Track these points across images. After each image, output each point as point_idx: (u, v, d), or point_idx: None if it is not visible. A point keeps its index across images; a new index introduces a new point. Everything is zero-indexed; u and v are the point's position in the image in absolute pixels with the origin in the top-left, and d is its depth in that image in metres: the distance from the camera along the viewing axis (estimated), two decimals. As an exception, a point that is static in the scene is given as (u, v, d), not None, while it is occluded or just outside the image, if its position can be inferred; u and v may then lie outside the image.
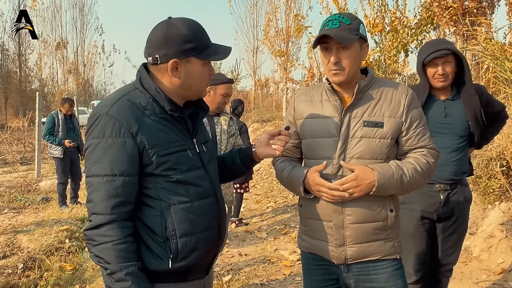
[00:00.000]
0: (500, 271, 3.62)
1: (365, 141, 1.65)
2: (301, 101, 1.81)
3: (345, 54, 1.63)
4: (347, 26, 1.61)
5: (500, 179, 4.49)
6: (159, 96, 1.39)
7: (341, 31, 1.60)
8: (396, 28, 7.66)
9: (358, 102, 1.68)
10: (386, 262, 1.70)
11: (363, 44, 1.69)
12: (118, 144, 1.30)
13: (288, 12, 16.27)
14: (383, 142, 1.65)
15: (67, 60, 31.50)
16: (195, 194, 1.41)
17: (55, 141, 6.59)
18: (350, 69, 1.65)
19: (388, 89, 1.71)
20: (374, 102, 1.68)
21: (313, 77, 13.88)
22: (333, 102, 1.72)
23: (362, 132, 1.65)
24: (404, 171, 1.63)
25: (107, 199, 1.29)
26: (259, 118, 16.35)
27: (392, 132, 1.66)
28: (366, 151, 1.65)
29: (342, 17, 1.64)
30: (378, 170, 1.60)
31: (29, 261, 4.28)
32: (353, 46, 1.63)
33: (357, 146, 1.65)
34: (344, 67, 1.64)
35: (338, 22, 1.62)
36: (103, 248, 1.28)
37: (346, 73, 1.65)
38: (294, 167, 1.77)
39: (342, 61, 1.64)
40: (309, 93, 1.81)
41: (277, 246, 4.93)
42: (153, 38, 1.39)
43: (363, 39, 1.67)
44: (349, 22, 1.62)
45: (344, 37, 1.59)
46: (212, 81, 2.97)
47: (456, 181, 2.46)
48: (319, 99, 1.76)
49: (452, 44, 2.45)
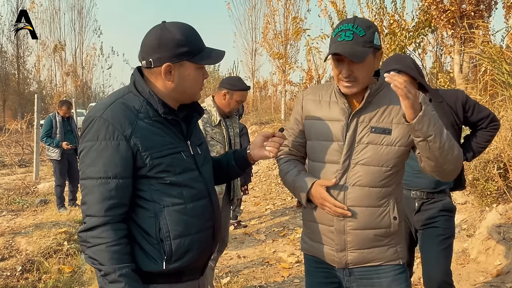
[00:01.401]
0: (497, 273, 3.63)
1: (372, 148, 1.61)
2: (309, 101, 1.76)
3: (358, 67, 1.56)
4: (361, 39, 1.53)
5: (497, 182, 4.50)
6: (153, 99, 1.40)
7: (354, 45, 1.52)
8: (394, 31, 7.68)
9: (367, 106, 1.63)
10: (389, 267, 1.68)
11: (377, 52, 1.61)
12: (112, 147, 1.31)
13: (286, 15, 16.32)
14: (390, 149, 1.60)
15: (66, 62, 31.48)
16: (189, 196, 1.42)
17: (53, 143, 6.57)
18: (363, 80, 1.59)
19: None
20: (383, 107, 1.63)
21: (311, 79, 13.92)
22: (341, 105, 1.67)
23: (369, 138, 1.61)
24: (443, 130, 1.53)
25: (101, 201, 1.30)
26: (257, 120, 16.36)
27: (401, 139, 1.60)
28: (372, 157, 1.60)
29: (355, 27, 1.54)
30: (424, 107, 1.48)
31: (28, 264, 4.28)
32: (367, 59, 1.55)
33: (363, 152, 1.61)
34: (357, 78, 1.58)
35: (351, 34, 1.53)
36: (97, 250, 1.29)
37: (358, 84, 1.59)
38: (300, 173, 1.73)
39: (354, 74, 1.57)
40: (318, 93, 1.76)
41: (275, 248, 4.93)
42: (147, 42, 1.41)
43: (377, 49, 1.59)
44: (363, 33, 1.54)
45: (357, 55, 1.52)
46: (231, 86, 3.02)
47: (434, 192, 2.43)
48: (328, 100, 1.71)
49: (403, 62, 2.42)
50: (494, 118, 2.53)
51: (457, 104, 2.44)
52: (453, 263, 3.87)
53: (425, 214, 2.44)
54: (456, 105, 2.44)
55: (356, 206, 1.62)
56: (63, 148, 6.56)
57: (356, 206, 1.62)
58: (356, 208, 1.62)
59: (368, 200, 1.62)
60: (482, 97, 5.60)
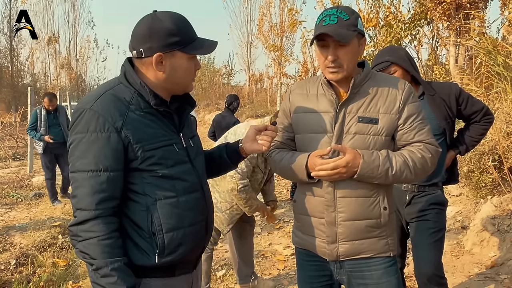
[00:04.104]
0: (491, 265, 3.65)
1: (359, 137, 1.62)
2: (296, 95, 1.77)
3: (343, 51, 1.57)
4: (345, 22, 1.55)
5: (492, 174, 4.52)
6: (144, 91, 1.38)
7: (339, 28, 1.54)
8: (390, 23, 7.66)
9: (354, 97, 1.64)
10: (379, 259, 1.68)
11: (361, 39, 1.64)
12: (103, 139, 1.29)
13: (282, 7, 16.26)
14: (377, 139, 1.62)
15: (60, 54, 31.19)
16: (182, 189, 1.40)
17: (36, 137, 6.46)
18: (348, 66, 1.60)
19: (385, 84, 1.66)
20: (370, 97, 1.64)
21: (307, 72, 13.89)
22: (329, 96, 1.68)
23: (356, 128, 1.62)
24: (392, 164, 1.59)
25: (92, 194, 1.28)
26: (253, 113, 16.32)
27: (387, 129, 1.62)
28: (359, 147, 1.61)
29: (339, 11, 1.58)
30: (365, 158, 1.57)
31: (22, 257, 4.26)
32: (351, 42, 1.57)
33: (351, 142, 1.62)
34: (342, 64, 1.59)
35: (335, 18, 1.56)
36: (88, 243, 1.27)
37: (344, 70, 1.60)
38: (294, 154, 1.73)
39: (339, 58, 1.58)
40: (305, 87, 1.77)
41: (271, 241, 4.94)
42: (138, 32, 1.38)
43: (361, 34, 1.62)
44: (347, 17, 1.56)
45: (342, 35, 1.54)
46: None
47: (425, 185, 2.42)
48: (315, 93, 1.72)
49: (395, 53, 2.41)
50: (487, 112, 2.51)
51: (451, 97, 2.43)
52: (448, 255, 3.91)
53: (416, 207, 2.43)
54: (450, 98, 2.43)
55: (346, 197, 1.63)
56: (46, 142, 6.44)
57: (346, 197, 1.63)
58: (346, 199, 1.63)
59: (358, 191, 1.63)
60: (478, 89, 5.60)
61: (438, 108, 2.40)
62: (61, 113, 6.74)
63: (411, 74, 2.42)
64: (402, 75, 2.38)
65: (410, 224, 2.51)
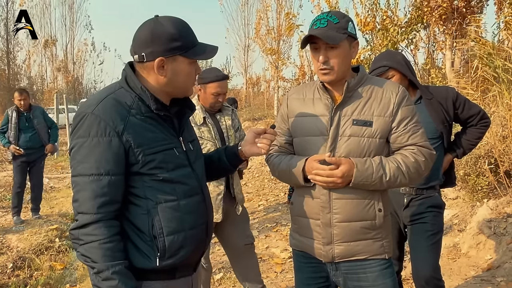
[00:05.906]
0: (488, 267, 3.67)
1: (354, 140, 1.65)
2: (294, 99, 1.81)
3: (333, 53, 1.62)
4: (335, 25, 1.61)
5: (488, 177, 4.54)
6: (145, 95, 1.39)
7: (328, 30, 1.60)
8: (386, 27, 7.69)
9: (348, 100, 1.68)
10: (374, 261, 1.70)
11: (353, 42, 1.68)
12: (104, 143, 1.30)
13: (279, 11, 16.26)
14: (371, 141, 1.65)
15: (56, 57, 31.17)
16: (182, 193, 1.41)
17: (3, 141, 5.52)
18: (339, 68, 1.64)
19: (379, 87, 1.70)
20: (364, 100, 1.67)
21: (304, 75, 13.90)
22: (324, 100, 1.72)
23: (351, 131, 1.65)
24: (385, 170, 1.61)
25: (93, 198, 1.29)
26: (250, 116, 16.34)
27: (381, 132, 1.65)
28: (354, 150, 1.64)
29: (330, 16, 1.64)
30: (358, 167, 1.60)
31: (19, 261, 4.25)
32: (341, 45, 1.62)
33: (346, 145, 1.65)
34: (332, 66, 1.63)
35: (325, 22, 1.62)
36: (90, 247, 1.28)
37: (335, 72, 1.64)
38: (292, 157, 1.76)
39: (330, 60, 1.63)
40: (302, 91, 1.81)
41: (268, 244, 4.94)
42: (140, 36, 1.39)
43: (352, 37, 1.66)
44: (337, 21, 1.62)
45: (331, 37, 1.59)
46: (201, 79, 2.78)
47: (423, 188, 2.43)
48: (311, 97, 1.76)
49: (393, 58, 2.43)
50: (484, 115, 2.54)
51: (448, 101, 2.45)
52: (445, 258, 3.92)
53: (414, 209, 2.45)
54: (447, 102, 2.45)
55: (341, 199, 1.65)
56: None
57: (341, 199, 1.65)
58: (341, 200, 1.65)
59: (353, 192, 1.65)
60: (475, 93, 5.63)
61: (435, 112, 2.42)
62: (36, 114, 5.75)
63: (408, 78, 2.44)
64: (400, 79, 2.41)
65: (407, 227, 2.52)
